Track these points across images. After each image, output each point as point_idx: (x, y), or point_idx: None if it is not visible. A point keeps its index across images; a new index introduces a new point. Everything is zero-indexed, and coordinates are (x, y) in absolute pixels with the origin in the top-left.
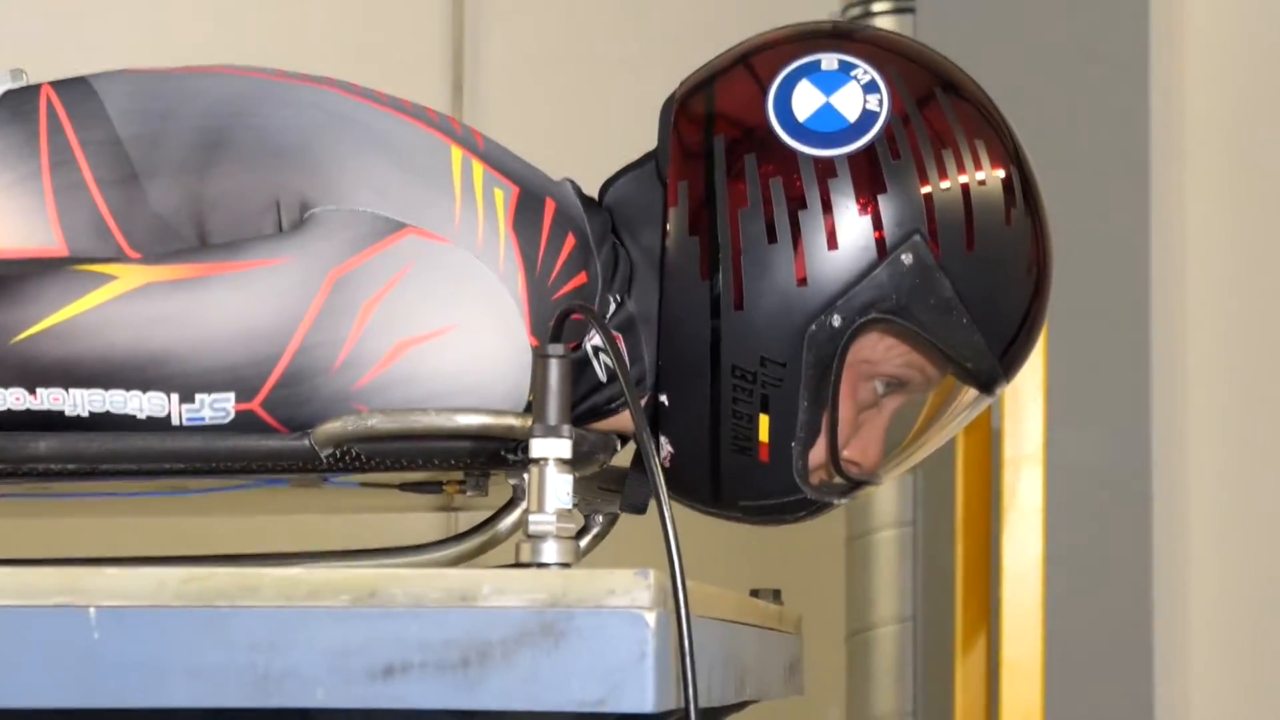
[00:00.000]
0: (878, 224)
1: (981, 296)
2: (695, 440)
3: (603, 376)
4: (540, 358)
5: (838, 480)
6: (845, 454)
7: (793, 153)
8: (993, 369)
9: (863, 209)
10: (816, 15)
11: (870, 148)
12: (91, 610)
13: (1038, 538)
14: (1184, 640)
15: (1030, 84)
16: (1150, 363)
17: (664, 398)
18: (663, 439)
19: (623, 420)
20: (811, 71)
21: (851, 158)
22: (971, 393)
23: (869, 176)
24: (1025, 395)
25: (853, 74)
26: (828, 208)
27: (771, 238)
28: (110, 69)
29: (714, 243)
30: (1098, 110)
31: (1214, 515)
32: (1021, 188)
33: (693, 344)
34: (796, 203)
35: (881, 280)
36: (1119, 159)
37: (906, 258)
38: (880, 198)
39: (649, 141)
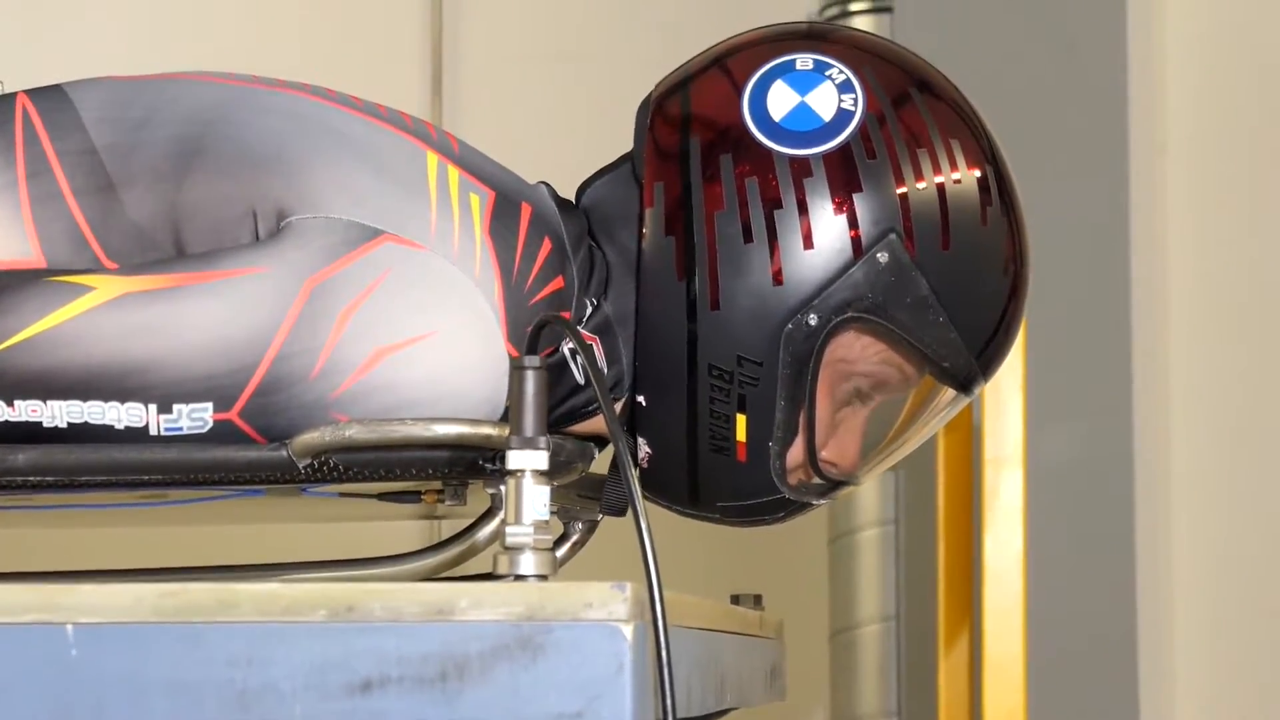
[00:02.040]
0: (853, 223)
1: (958, 295)
2: (673, 441)
3: (580, 379)
4: (516, 369)
5: (816, 480)
6: (823, 454)
7: (768, 152)
8: (970, 368)
9: (838, 208)
10: (794, 15)
11: (845, 147)
12: (69, 627)
13: (1019, 536)
14: (1168, 638)
15: (1008, 79)
16: (1131, 359)
17: (641, 398)
18: (640, 440)
19: (601, 423)
20: (786, 71)
21: (827, 157)
22: (950, 392)
23: (844, 176)
24: (1005, 393)
25: (827, 74)
26: (803, 207)
27: (748, 238)
28: (86, 76)
29: (690, 243)
30: (1076, 104)
31: (1196, 512)
32: (997, 186)
33: (670, 344)
34: (772, 203)
35: (857, 279)
36: (1097, 154)
37: (882, 256)
38: (856, 197)
39: (629, 142)
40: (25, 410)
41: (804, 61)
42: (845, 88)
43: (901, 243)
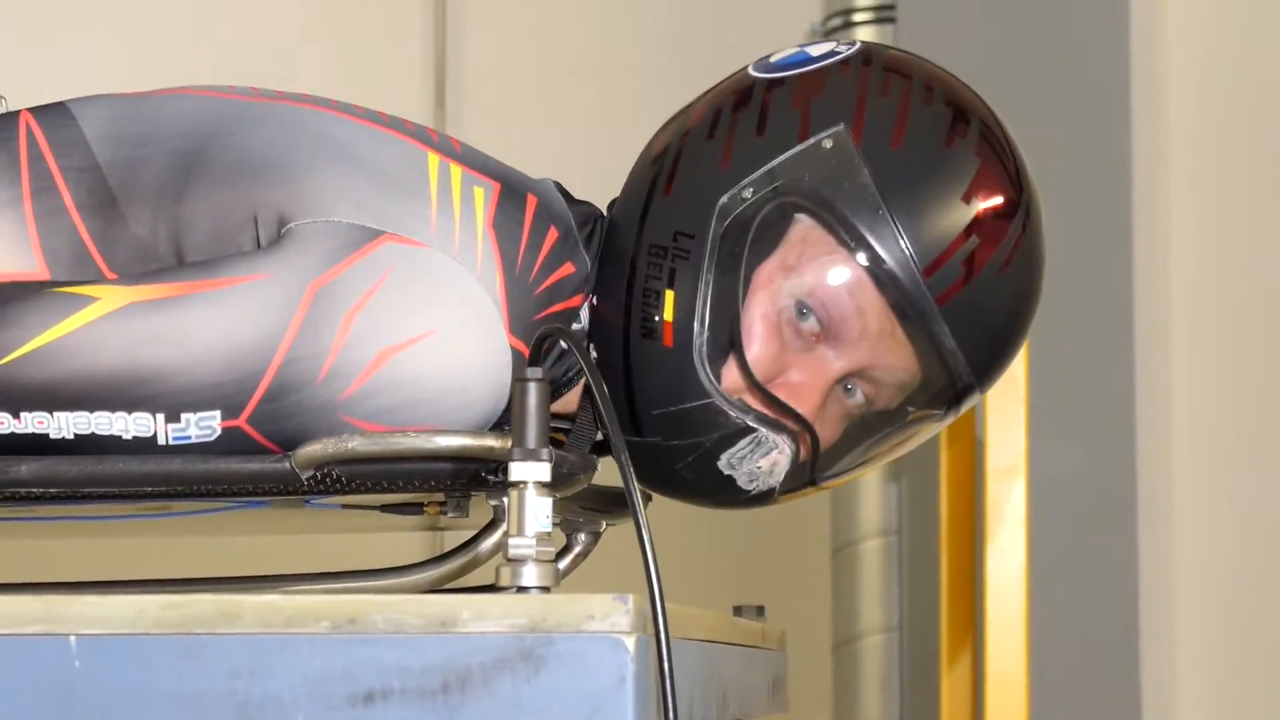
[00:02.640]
0: (805, 114)
1: (902, 192)
2: (611, 332)
3: (564, 345)
4: (518, 381)
5: (761, 407)
6: (768, 383)
7: (753, 79)
8: (904, 261)
9: (795, 104)
10: (797, 25)
11: (823, 69)
12: (72, 638)
13: (1021, 549)
14: (1170, 650)
15: (1011, 91)
16: (1134, 371)
17: (594, 298)
18: (591, 345)
19: (574, 400)
20: (801, 45)
21: (801, 75)
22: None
23: (812, 84)
24: (1009, 406)
25: (838, 46)
26: (764, 106)
27: (709, 135)
28: (89, 91)
29: (664, 153)
30: (1079, 116)
31: (1199, 525)
32: (982, 128)
33: (624, 240)
34: (740, 104)
35: (797, 159)
36: (1101, 166)
37: (826, 143)
38: (814, 101)
39: (629, 150)
40: (32, 422)
41: (820, 40)
42: (847, 46)
43: (848, 133)
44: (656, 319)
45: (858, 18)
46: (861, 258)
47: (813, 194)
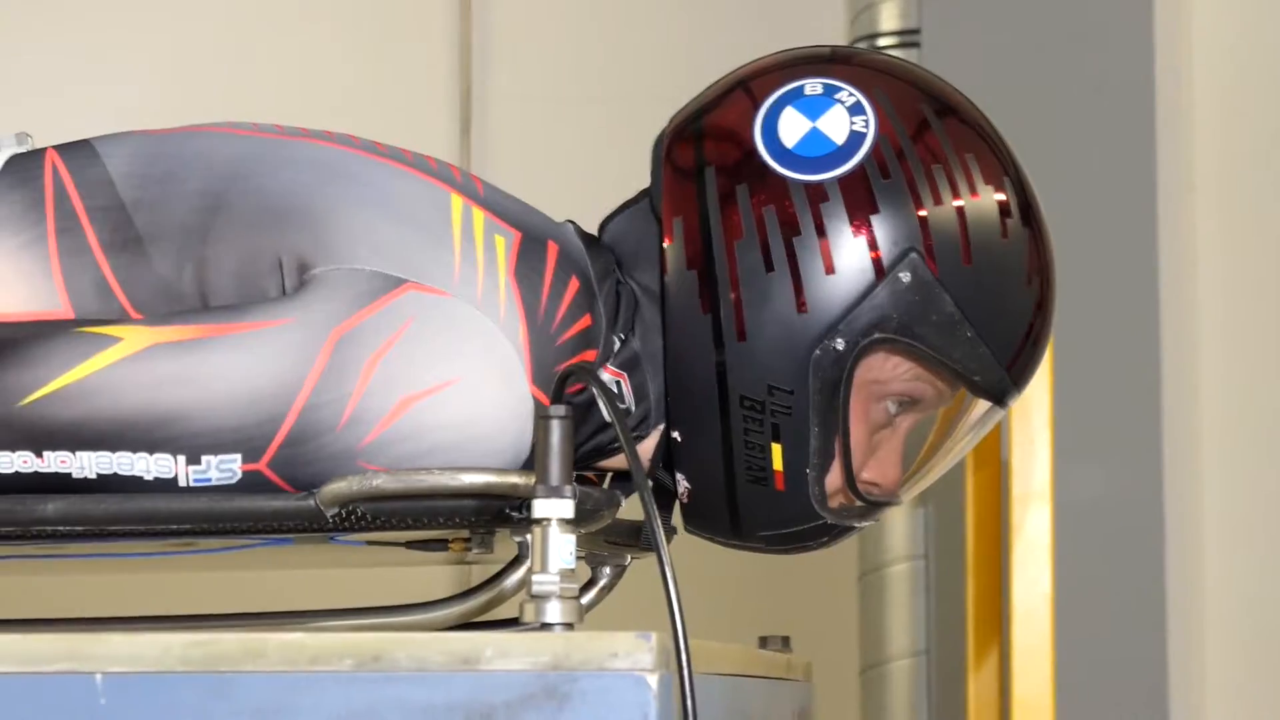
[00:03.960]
0: (873, 245)
1: (983, 309)
2: (710, 474)
3: (608, 416)
4: (542, 418)
5: (858, 503)
6: (864, 476)
7: (783, 180)
8: (1002, 381)
9: (857, 231)
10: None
11: (860, 169)
12: (98, 676)
13: (1047, 573)
14: (1199, 676)
15: (1036, 116)
16: (1160, 394)
17: (676, 434)
18: (679, 475)
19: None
20: (796, 98)
21: (842, 181)
22: (983, 404)
23: (861, 198)
24: (1034, 429)
25: (837, 97)
26: (822, 232)
27: (769, 267)
28: (115, 127)
29: (712, 276)
30: (1104, 141)
31: (1227, 549)
32: (1017, 199)
33: (700, 378)
34: (791, 229)
35: (881, 300)
36: (1126, 190)
37: (904, 276)
38: (874, 219)
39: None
40: (54, 461)
41: (813, 86)
42: (856, 110)
43: (923, 261)
44: (766, 469)
45: (882, 42)
46: (951, 376)
47: (903, 331)
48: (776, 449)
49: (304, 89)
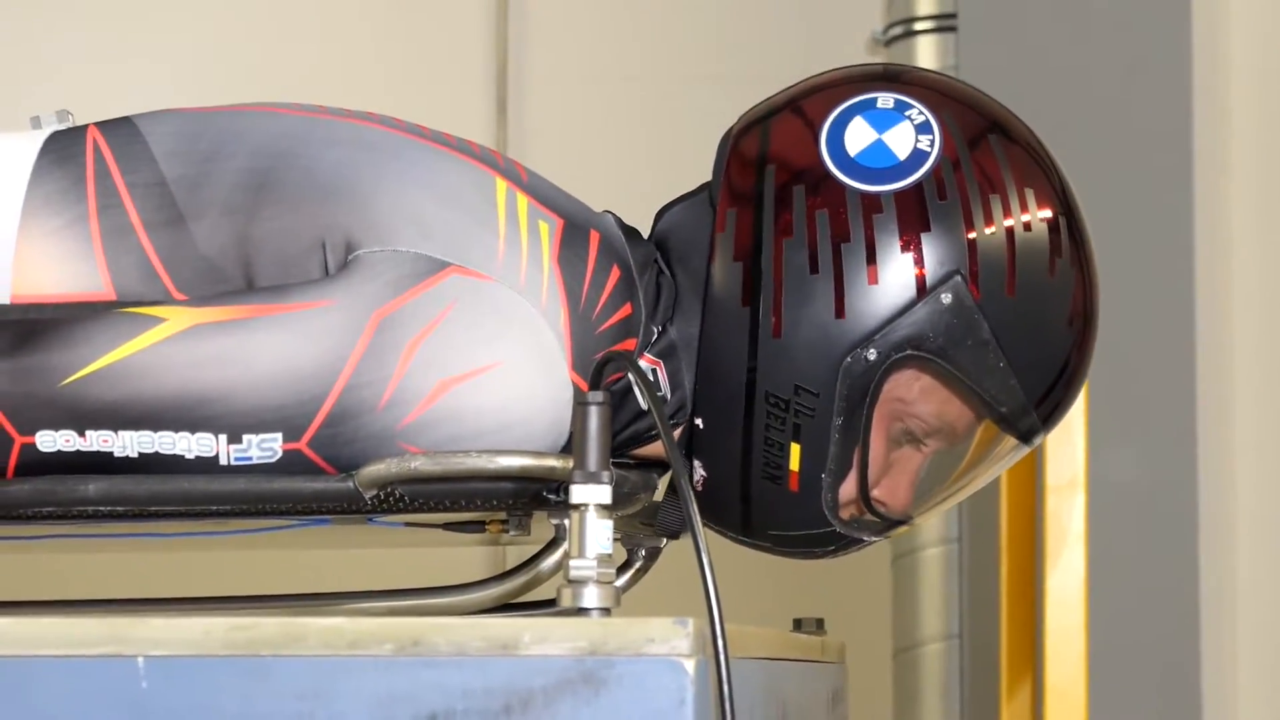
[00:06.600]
0: (919, 262)
1: (1020, 342)
2: (727, 466)
3: (644, 405)
4: (580, 404)
5: (869, 517)
6: (875, 494)
7: (840, 187)
8: (1029, 416)
9: (905, 246)
10: (859, 33)
11: (918, 186)
12: (139, 660)
13: (1081, 560)
14: (1231, 663)
15: (1072, 99)
16: (1195, 381)
17: (699, 421)
18: (696, 462)
19: (663, 447)
20: (867, 109)
21: (898, 195)
22: (1009, 441)
23: (914, 214)
24: (1068, 419)
25: (907, 114)
26: (870, 243)
27: (813, 269)
28: (153, 106)
29: (757, 270)
30: (1140, 124)
31: (1260, 537)
32: (1069, 238)
33: (730, 369)
34: (840, 236)
35: (919, 318)
36: (1162, 172)
37: (945, 297)
38: (924, 236)
39: (692, 161)
40: (96, 440)
41: (885, 100)
42: (923, 129)
43: (966, 285)
44: (782, 467)
45: (919, 26)
46: (978, 404)
47: (937, 351)
48: (795, 449)
49: (339, 69)
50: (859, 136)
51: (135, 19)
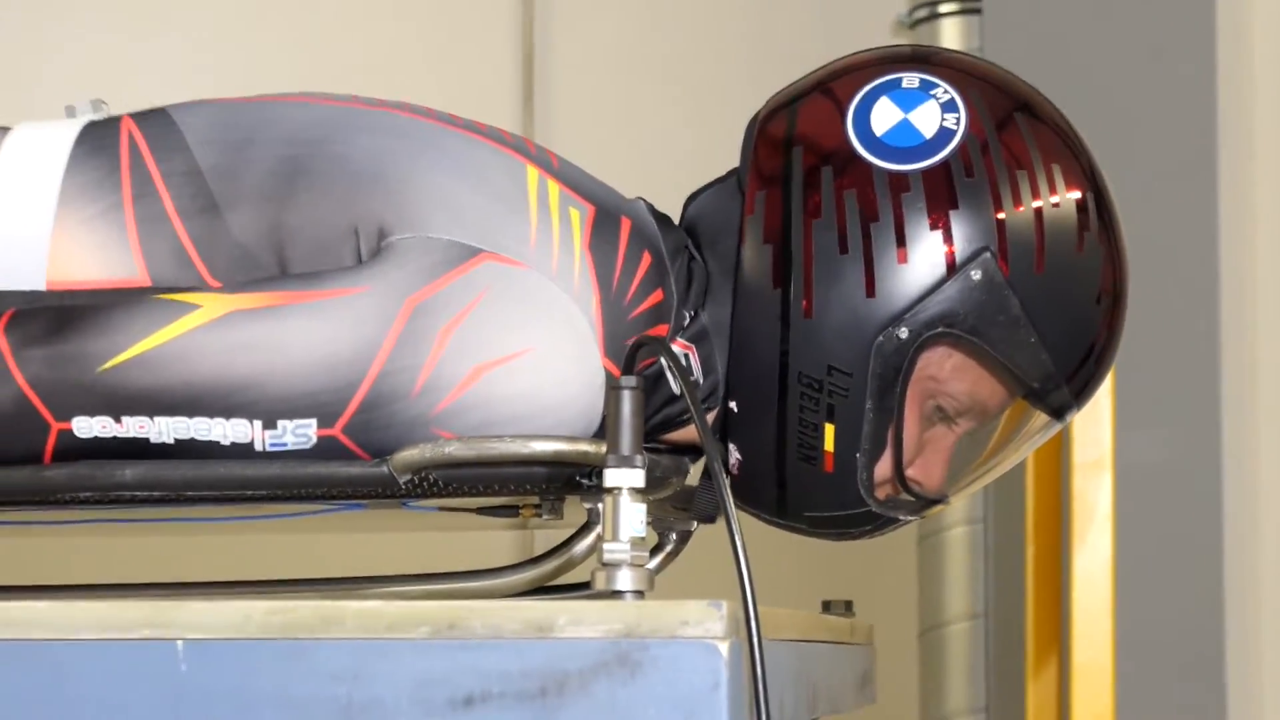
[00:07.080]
0: (948, 240)
1: (1050, 318)
2: (762, 448)
3: (677, 389)
4: (613, 389)
5: (904, 496)
6: (909, 473)
7: (868, 166)
8: (1061, 391)
9: (934, 224)
10: (884, 17)
11: (945, 164)
12: (179, 643)
13: (1107, 540)
14: (1256, 643)
15: (1096, 82)
16: (1220, 362)
17: (733, 404)
18: (731, 446)
19: (695, 431)
20: (892, 89)
21: (925, 173)
22: (1040, 418)
23: (942, 193)
24: (1094, 399)
25: (932, 93)
26: (899, 222)
27: (843, 249)
28: (185, 97)
29: (787, 251)
30: (1165, 106)
31: None
32: (1097, 214)
33: (762, 351)
34: (869, 215)
35: (950, 295)
36: (1186, 155)
37: (975, 274)
38: (952, 214)
39: (719, 147)
40: (133, 426)
41: (910, 80)
42: (949, 107)
43: (995, 262)
44: (817, 449)
45: (944, 9)
46: (1010, 381)
47: (968, 328)
48: (829, 430)
49: (367, 59)
50: (885, 116)
51: (164, 10)
